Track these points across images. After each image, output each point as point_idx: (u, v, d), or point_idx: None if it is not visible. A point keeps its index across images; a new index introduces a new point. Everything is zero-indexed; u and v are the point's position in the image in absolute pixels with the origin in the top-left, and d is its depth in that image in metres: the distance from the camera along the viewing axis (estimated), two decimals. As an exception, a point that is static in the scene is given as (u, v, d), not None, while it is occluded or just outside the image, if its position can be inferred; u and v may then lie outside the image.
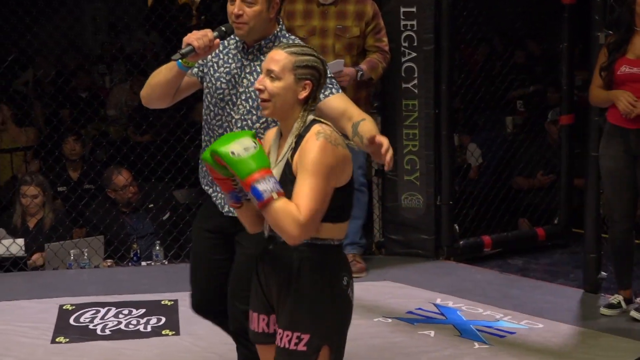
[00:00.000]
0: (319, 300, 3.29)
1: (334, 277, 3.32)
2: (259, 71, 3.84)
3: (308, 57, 3.33)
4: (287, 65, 3.30)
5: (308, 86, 3.31)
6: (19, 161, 9.03)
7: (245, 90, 3.90)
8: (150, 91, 3.96)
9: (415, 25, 6.69)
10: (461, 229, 7.02)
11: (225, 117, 3.94)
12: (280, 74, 3.30)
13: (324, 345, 3.30)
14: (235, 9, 3.80)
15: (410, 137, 6.79)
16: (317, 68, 3.34)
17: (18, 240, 6.98)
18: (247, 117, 3.90)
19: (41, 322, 5.79)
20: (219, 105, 3.95)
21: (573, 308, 6.03)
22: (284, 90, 3.30)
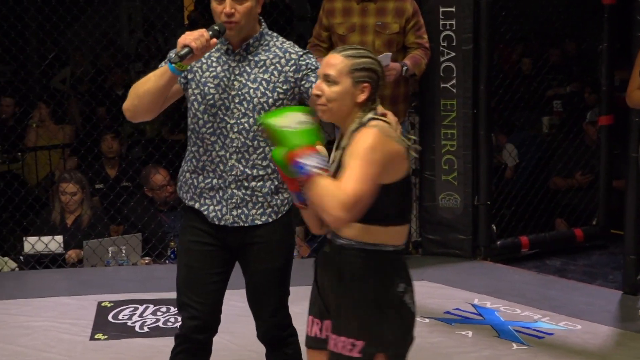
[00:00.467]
0: (372, 307, 3.24)
1: (388, 283, 3.26)
2: (249, 72, 3.76)
3: (365, 60, 3.28)
4: (343, 69, 3.25)
5: (366, 89, 3.26)
6: (57, 158, 9.07)
7: (237, 93, 3.76)
8: (138, 102, 3.71)
9: (454, 24, 6.68)
10: (498, 229, 7.00)
11: (218, 124, 3.76)
12: (338, 78, 3.25)
13: (379, 353, 3.25)
14: (227, 8, 3.67)
15: (448, 137, 6.77)
16: (374, 70, 3.29)
17: (57, 237, 7.01)
18: (243, 121, 3.75)
19: (80, 319, 5.83)
20: (210, 111, 3.77)
21: (612, 310, 6.01)
22: (341, 95, 3.26)
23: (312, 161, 3.09)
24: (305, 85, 3.79)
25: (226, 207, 3.80)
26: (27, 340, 5.53)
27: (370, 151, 3.13)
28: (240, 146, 3.75)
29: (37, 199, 8.05)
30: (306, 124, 3.15)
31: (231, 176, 3.77)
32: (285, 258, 3.94)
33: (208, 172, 3.81)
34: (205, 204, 3.84)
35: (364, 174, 3.10)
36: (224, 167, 3.77)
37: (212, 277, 3.89)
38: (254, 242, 3.84)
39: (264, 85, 3.75)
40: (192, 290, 3.88)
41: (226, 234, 3.85)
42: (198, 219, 3.88)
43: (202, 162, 3.81)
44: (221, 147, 3.76)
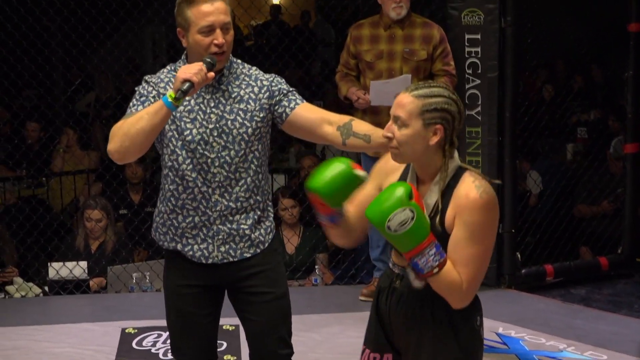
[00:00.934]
0: (453, 341, 3.17)
1: (469, 317, 3.18)
2: (224, 103, 3.69)
3: (437, 100, 3.07)
4: (413, 110, 3.07)
5: (439, 131, 3.07)
6: (82, 184, 9.10)
7: (215, 126, 3.67)
8: (129, 142, 3.51)
9: (479, 52, 6.66)
10: (523, 257, 6.96)
11: (198, 159, 3.66)
12: (407, 121, 3.07)
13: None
14: (219, 39, 3.61)
15: (473, 165, 6.73)
16: (448, 110, 3.08)
17: (81, 262, 7.02)
18: (223, 154, 3.67)
19: (104, 345, 5.83)
20: (188, 147, 3.66)
21: (638, 339, 5.94)
22: (412, 139, 3.08)
23: (428, 259, 3.00)
24: (278, 110, 3.76)
25: (212, 244, 3.74)
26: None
27: (487, 230, 3.07)
28: (223, 180, 3.69)
29: (62, 225, 8.08)
30: (412, 220, 2.97)
31: (216, 212, 3.71)
32: (284, 284, 3.91)
33: (189, 211, 3.72)
34: (189, 244, 3.76)
35: (482, 258, 3.07)
36: (207, 203, 3.70)
37: (205, 318, 3.86)
38: (250, 274, 3.80)
39: (242, 116, 3.70)
40: (186, 335, 3.86)
41: (215, 271, 3.79)
42: (181, 259, 3.80)
43: (181, 200, 3.72)
44: (203, 182, 3.68)
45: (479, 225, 3.03)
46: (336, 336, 5.92)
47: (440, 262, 3.01)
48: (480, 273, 3.07)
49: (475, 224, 3.03)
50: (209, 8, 3.62)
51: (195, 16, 3.63)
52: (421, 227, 2.98)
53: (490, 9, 6.62)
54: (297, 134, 3.91)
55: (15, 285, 7.06)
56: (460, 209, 3.04)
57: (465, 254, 3.03)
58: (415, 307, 3.21)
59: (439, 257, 3.01)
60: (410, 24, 6.30)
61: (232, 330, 5.87)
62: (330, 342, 5.81)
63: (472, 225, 3.03)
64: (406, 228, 2.96)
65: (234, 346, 5.73)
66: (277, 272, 3.90)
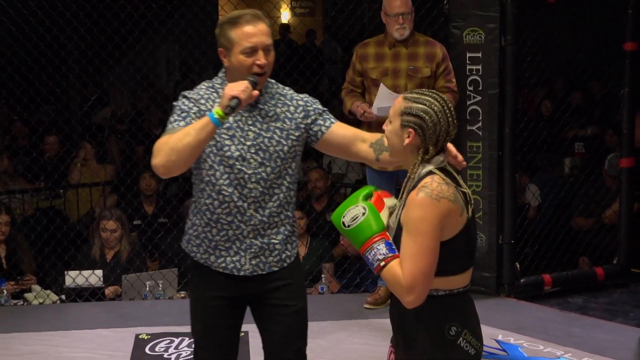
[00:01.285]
0: (423, 350, 3.17)
1: (438, 326, 3.16)
2: (261, 121, 3.70)
3: (418, 106, 3.16)
4: (398, 110, 3.20)
5: (411, 135, 3.16)
6: (98, 195, 9.13)
7: (253, 143, 3.68)
8: (176, 157, 3.50)
9: (480, 69, 6.68)
10: (522, 267, 6.95)
11: (235, 175, 3.67)
12: (392, 118, 3.22)
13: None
14: (262, 59, 3.62)
15: (474, 178, 6.76)
16: (423, 118, 3.14)
17: (96, 271, 7.04)
18: (260, 170, 3.68)
19: (118, 351, 5.85)
20: (226, 163, 3.67)
21: (632, 347, 5.93)
22: (392, 134, 3.23)
23: (376, 254, 3.12)
24: (314, 129, 3.79)
25: (245, 257, 3.75)
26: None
27: (419, 224, 3.06)
28: (258, 195, 3.70)
29: (78, 235, 8.11)
30: (363, 215, 3.16)
31: (250, 226, 3.72)
32: (305, 297, 3.94)
33: (223, 225, 3.72)
34: (222, 256, 3.77)
35: (418, 251, 3.06)
36: (241, 217, 3.70)
37: (229, 329, 3.88)
38: (276, 286, 3.81)
39: (278, 134, 3.71)
40: (211, 346, 3.87)
41: (244, 284, 3.80)
42: (210, 271, 3.81)
43: (216, 214, 3.71)
44: (239, 197, 3.68)
45: (413, 221, 3.08)
46: (342, 342, 5.92)
47: (386, 257, 3.11)
48: (419, 268, 3.05)
49: (410, 220, 3.09)
50: (252, 30, 3.63)
51: (238, 37, 3.64)
52: (371, 224, 3.15)
53: (490, 29, 6.64)
54: (331, 151, 3.95)
55: (34, 293, 7.08)
56: (406, 208, 3.14)
57: (404, 250, 3.10)
58: (397, 309, 3.27)
59: (387, 252, 3.11)
60: (414, 42, 6.32)
61: (242, 337, 5.86)
62: (336, 348, 5.82)
63: (408, 222, 3.10)
64: (357, 223, 3.16)
65: (244, 351, 5.71)
66: (300, 286, 3.93)
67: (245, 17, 3.65)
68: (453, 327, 3.17)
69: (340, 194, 9.04)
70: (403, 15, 6.21)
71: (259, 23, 3.66)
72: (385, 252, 3.11)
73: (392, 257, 3.10)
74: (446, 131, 3.17)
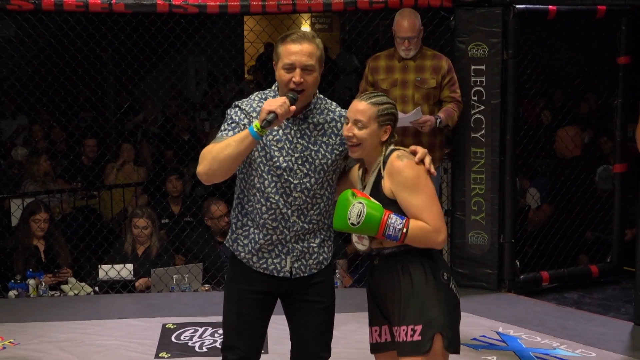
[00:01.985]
0: (423, 294, 3.44)
1: (434, 273, 3.47)
2: (309, 134, 3.68)
3: (386, 106, 3.56)
4: (372, 115, 3.52)
5: (389, 130, 3.56)
6: (130, 195, 9.16)
7: (300, 155, 3.67)
8: (217, 167, 3.55)
9: (484, 81, 6.67)
10: (521, 264, 6.94)
11: (282, 184, 3.65)
12: (367, 123, 3.52)
13: (436, 333, 3.42)
14: (297, 77, 3.58)
15: (477, 181, 6.76)
16: (393, 114, 3.58)
17: (128, 265, 7.06)
18: (305, 181, 3.67)
19: (146, 339, 5.86)
20: (275, 172, 3.65)
21: (624, 339, 5.93)
22: (370, 136, 3.53)
23: (394, 226, 3.39)
24: None
25: (285, 260, 3.73)
26: (99, 357, 5.57)
27: (417, 179, 3.45)
28: (302, 204, 3.68)
29: (111, 231, 8.14)
30: (364, 207, 3.40)
31: (292, 232, 3.70)
32: (334, 294, 3.92)
33: (268, 230, 3.70)
34: (263, 257, 3.75)
35: (428, 200, 3.44)
36: (285, 223, 3.69)
37: (261, 322, 3.85)
38: (310, 284, 3.79)
39: (324, 148, 3.70)
40: (242, 336, 3.82)
41: (281, 282, 3.78)
42: (251, 269, 3.80)
43: (263, 219, 3.70)
44: (284, 204, 3.67)
45: (411, 180, 3.46)
46: (353, 333, 5.92)
47: (404, 223, 3.39)
48: (437, 211, 3.46)
49: (408, 180, 3.46)
50: (295, 48, 3.62)
51: (282, 53, 3.64)
52: (374, 209, 3.40)
53: (493, 43, 6.64)
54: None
55: (69, 285, 7.11)
56: (392, 178, 3.48)
57: (418, 204, 3.44)
58: (388, 275, 3.52)
59: (401, 220, 3.40)
60: (422, 56, 6.31)
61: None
62: (348, 339, 5.81)
63: (407, 182, 3.46)
64: (363, 216, 3.40)
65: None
66: (331, 284, 3.92)
67: (294, 35, 3.65)
68: (444, 273, 3.54)
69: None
70: (409, 39, 6.21)
71: (304, 42, 3.63)
72: (400, 220, 3.40)
73: (407, 220, 3.42)
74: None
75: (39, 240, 7.31)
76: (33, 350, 5.66)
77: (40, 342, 5.81)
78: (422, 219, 3.41)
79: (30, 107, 9.29)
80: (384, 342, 3.58)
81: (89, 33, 7.46)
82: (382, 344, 3.59)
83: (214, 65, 9.57)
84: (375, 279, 3.60)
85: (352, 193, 3.47)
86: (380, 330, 3.59)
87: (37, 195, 8.29)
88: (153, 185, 8.02)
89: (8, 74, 7.63)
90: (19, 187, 8.78)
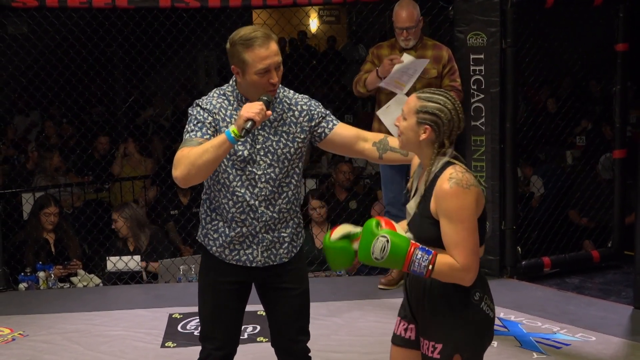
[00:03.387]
0: (449, 313, 3.28)
1: (464, 292, 3.26)
2: (269, 125, 3.65)
3: (432, 105, 3.25)
4: (412, 108, 3.27)
5: (427, 130, 3.24)
6: (138, 187, 9.15)
7: (262, 146, 3.64)
8: (195, 171, 3.47)
9: (483, 70, 6.63)
10: (523, 250, 6.90)
11: (247, 176, 3.63)
12: (407, 115, 3.29)
13: (456, 354, 3.28)
14: (275, 78, 3.56)
15: (478, 169, 6.71)
16: (438, 116, 3.23)
17: (135, 256, 7.05)
18: (269, 171, 3.64)
19: (153, 329, 5.85)
20: (238, 166, 3.63)
21: (624, 323, 5.88)
22: (408, 130, 3.29)
23: (420, 263, 3.17)
24: (318, 131, 3.76)
25: (257, 250, 3.73)
26: (106, 347, 5.56)
27: (459, 211, 3.15)
28: (268, 194, 3.67)
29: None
30: (387, 242, 3.17)
31: (261, 222, 3.69)
32: (307, 280, 3.93)
33: (237, 222, 3.69)
34: (235, 249, 3.74)
35: (467, 234, 3.17)
36: (254, 214, 3.67)
37: (236, 311, 3.86)
38: (283, 271, 3.80)
39: (285, 137, 3.67)
40: (219, 326, 3.84)
41: (253, 272, 3.78)
42: (223, 262, 3.78)
43: (231, 213, 3.68)
44: (250, 196, 3.65)
45: (454, 210, 3.15)
46: (356, 320, 5.90)
47: (429, 259, 3.16)
48: (470, 249, 3.17)
49: (450, 209, 3.16)
50: (265, 52, 3.55)
51: (252, 59, 3.55)
52: (399, 244, 3.17)
53: (492, 32, 6.58)
54: (334, 150, 3.90)
55: (79, 277, 7.11)
56: (438, 199, 3.20)
57: (452, 237, 3.17)
58: (420, 285, 3.35)
59: (427, 256, 3.17)
60: (422, 46, 6.28)
61: (264, 315, 5.85)
62: (351, 326, 5.80)
63: (448, 211, 3.17)
64: (387, 252, 3.17)
65: (266, 329, 5.61)
66: (303, 270, 3.92)
67: (258, 40, 3.55)
68: (477, 293, 3.28)
69: (360, 185, 9.00)
70: (407, 30, 6.18)
71: (270, 44, 3.56)
72: (426, 256, 3.17)
73: (434, 256, 3.18)
74: (458, 126, 3.27)
75: (48, 233, 7.31)
76: (42, 342, 5.66)
77: (49, 334, 5.80)
78: (453, 254, 3.16)
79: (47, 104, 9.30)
80: (407, 339, 3.49)
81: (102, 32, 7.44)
82: (404, 339, 3.50)
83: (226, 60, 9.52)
84: (410, 282, 3.44)
85: (377, 223, 3.23)
86: (407, 326, 3.49)
87: (47, 189, 8.29)
88: (159, 178, 7.99)
89: (26, 69, 7.63)
90: (29, 181, 8.78)
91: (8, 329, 5.92)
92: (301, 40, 15.68)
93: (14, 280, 6.94)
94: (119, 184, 9.24)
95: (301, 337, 3.92)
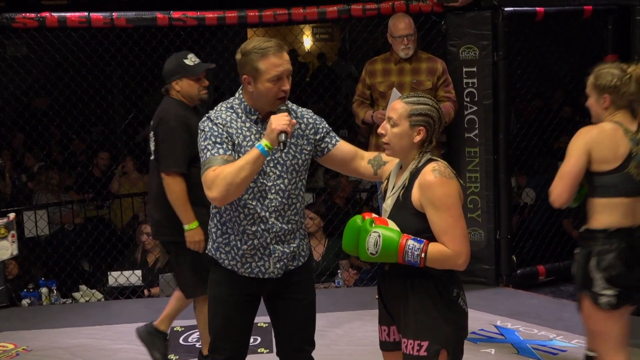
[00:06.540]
0: (432, 310, 3.32)
1: (444, 288, 3.32)
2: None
3: (422, 107, 3.35)
4: (403, 113, 3.34)
5: (422, 131, 3.34)
6: (138, 203, 9.13)
7: (272, 158, 3.62)
8: (235, 190, 3.48)
9: (475, 82, 6.63)
10: (518, 259, 6.89)
11: (258, 188, 3.61)
12: (398, 121, 3.34)
13: (442, 349, 3.32)
14: (286, 86, 3.60)
15: (472, 180, 6.70)
16: (430, 115, 3.35)
17: (136, 271, 7.03)
18: (278, 182, 3.63)
19: (155, 342, 5.80)
20: None
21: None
22: (400, 136, 3.34)
23: (413, 252, 3.22)
24: (321, 145, 3.76)
25: (269, 262, 3.70)
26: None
27: (445, 198, 3.23)
28: (278, 205, 3.65)
29: (120, 239, 8.11)
30: (379, 237, 3.24)
31: (272, 234, 3.66)
32: (314, 290, 3.92)
33: (248, 235, 3.66)
34: (247, 262, 3.71)
35: (453, 221, 3.24)
36: (264, 226, 3.65)
37: (247, 324, 3.84)
38: (291, 282, 3.77)
39: (293, 149, 3.67)
40: (229, 338, 3.81)
41: (264, 283, 3.75)
42: (235, 274, 3.75)
43: (242, 226, 3.65)
44: (261, 208, 3.63)
45: (439, 198, 3.24)
46: (355, 330, 5.88)
47: (421, 248, 3.23)
48: (459, 234, 3.25)
49: (435, 198, 3.25)
50: (278, 60, 3.58)
51: (266, 67, 3.57)
52: (391, 237, 3.25)
53: (484, 45, 6.59)
54: (332, 166, 3.90)
55: (81, 292, 7.08)
56: (422, 190, 3.28)
57: (440, 225, 3.25)
58: (399, 283, 3.38)
59: (419, 245, 3.23)
60: (417, 59, 6.28)
61: (266, 327, 5.83)
62: (350, 336, 5.78)
63: (434, 200, 3.25)
64: (380, 246, 3.25)
65: (267, 340, 5.70)
66: (311, 281, 3.90)
67: (272, 49, 3.58)
68: (455, 289, 3.36)
69: (356, 198, 8.98)
70: (407, 37, 6.18)
71: (283, 53, 3.61)
72: (418, 245, 3.23)
73: (425, 245, 3.24)
74: (441, 124, 3.39)
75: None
76: (45, 356, 5.65)
77: (52, 348, 5.78)
78: (444, 241, 3.23)
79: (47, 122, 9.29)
80: (392, 342, 3.52)
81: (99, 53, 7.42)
82: (390, 343, 3.53)
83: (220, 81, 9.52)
84: (385, 284, 3.47)
85: (370, 222, 3.29)
86: (388, 330, 3.52)
87: (47, 207, 8.26)
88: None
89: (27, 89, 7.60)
90: (30, 199, 8.76)
91: (12, 344, 5.89)
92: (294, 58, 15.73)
93: (17, 296, 6.91)
94: (118, 201, 9.20)
95: (307, 347, 3.90)
